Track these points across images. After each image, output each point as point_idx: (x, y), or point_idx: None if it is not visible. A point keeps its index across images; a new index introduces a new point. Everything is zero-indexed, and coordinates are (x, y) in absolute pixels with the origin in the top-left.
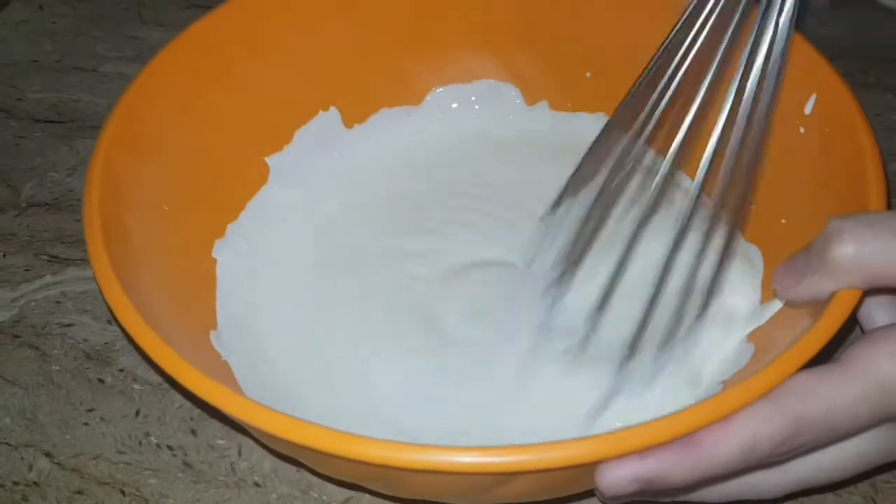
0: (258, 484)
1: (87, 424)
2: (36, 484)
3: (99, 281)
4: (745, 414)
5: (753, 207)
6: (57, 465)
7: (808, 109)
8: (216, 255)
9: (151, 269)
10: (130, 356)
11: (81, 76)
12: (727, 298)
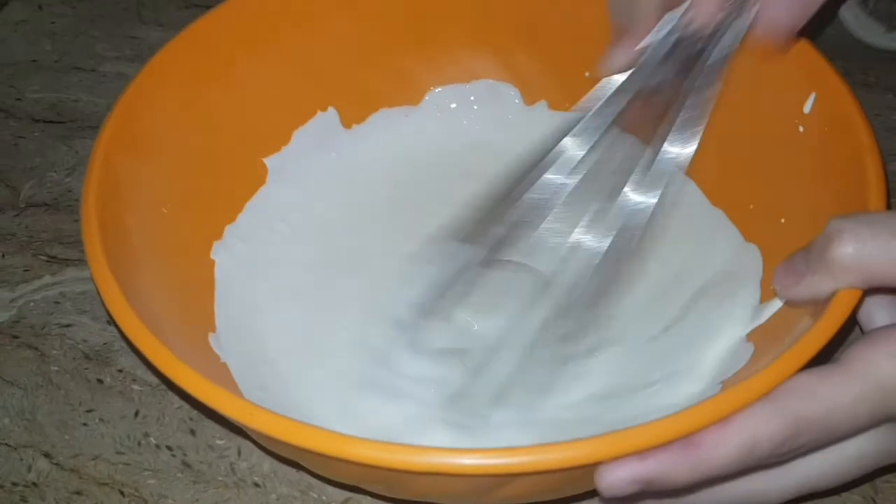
0: (258, 484)
1: (86, 425)
2: (35, 485)
3: (96, 282)
4: (744, 414)
5: (752, 207)
6: (56, 465)
7: (807, 108)
8: (214, 256)
9: (150, 269)
10: (129, 357)
11: (80, 76)
12: (726, 297)
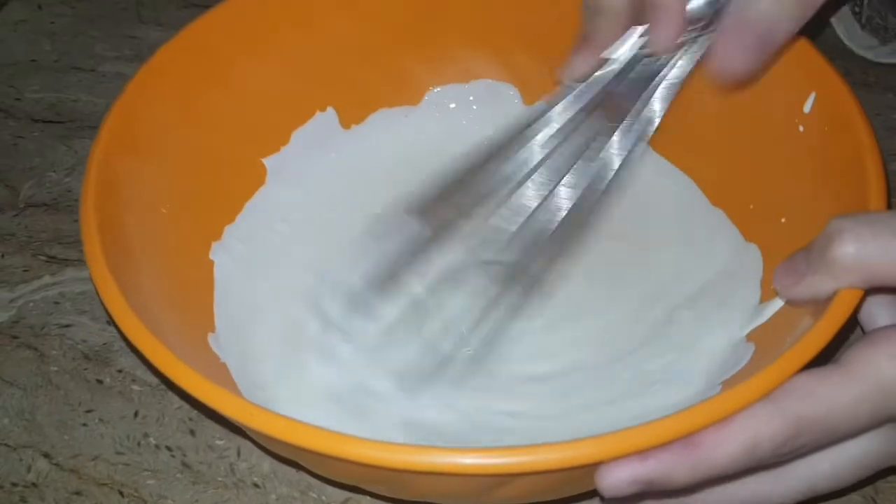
0: (257, 485)
1: (85, 425)
2: (34, 485)
3: (96, 282)
4: (745, 415)
5: (752, 207)
6: (55, 465)
7: (807, 108)
8: (213, 256)
9: (149, 270)
10: (129, 357)
11: (80, 76)
12: (726, 297)
